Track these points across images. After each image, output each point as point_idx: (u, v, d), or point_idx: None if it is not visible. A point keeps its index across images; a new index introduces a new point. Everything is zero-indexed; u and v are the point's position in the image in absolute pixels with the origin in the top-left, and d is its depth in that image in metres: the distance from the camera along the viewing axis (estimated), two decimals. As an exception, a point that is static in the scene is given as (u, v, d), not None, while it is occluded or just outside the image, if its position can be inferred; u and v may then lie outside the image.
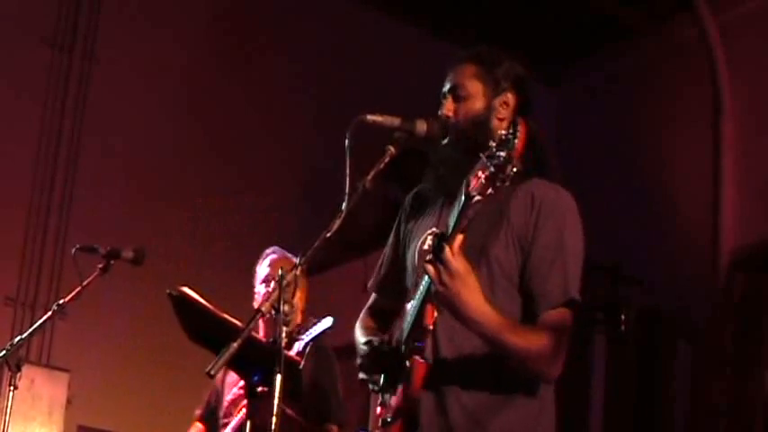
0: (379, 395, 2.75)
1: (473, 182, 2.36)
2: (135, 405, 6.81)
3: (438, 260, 2.41)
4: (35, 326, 4.11)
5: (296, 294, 4.15)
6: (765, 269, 6.52)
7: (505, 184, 2.34)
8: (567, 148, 5.77)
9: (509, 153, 2.32)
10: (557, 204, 2.68)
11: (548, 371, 2.58)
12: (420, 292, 2.56)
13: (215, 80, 7.56)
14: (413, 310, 2.60)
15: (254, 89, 7.67)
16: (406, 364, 2.60)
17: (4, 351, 3.97)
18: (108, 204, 7.11)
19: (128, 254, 4.19)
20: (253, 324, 2.48)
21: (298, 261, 2.55)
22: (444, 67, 2.85)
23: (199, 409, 4.60)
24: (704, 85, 7.06)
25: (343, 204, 2.56)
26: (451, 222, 2.42)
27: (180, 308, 3.17)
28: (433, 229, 2.71)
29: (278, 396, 2.42)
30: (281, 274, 2.47)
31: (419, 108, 2.82)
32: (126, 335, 6.91)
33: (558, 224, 2.65)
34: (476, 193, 2.35)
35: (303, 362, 3.43)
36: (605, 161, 7.75)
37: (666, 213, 7.28)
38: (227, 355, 2.38)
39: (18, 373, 3.96)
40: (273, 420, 2.40)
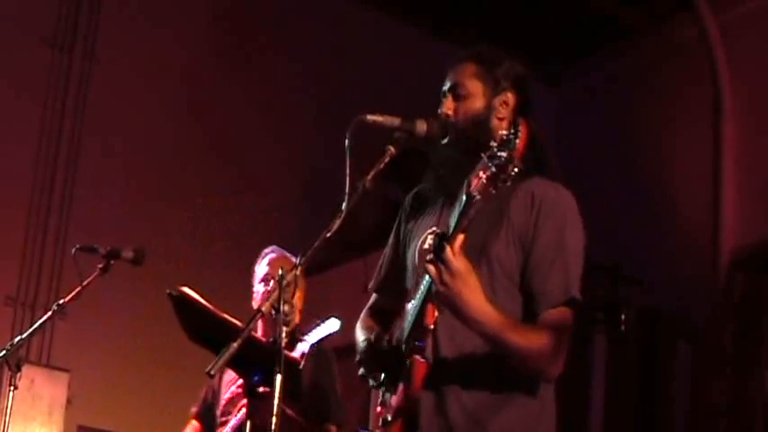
0: (380, 394, 2.76)
1: (474, 182, 2.35)
2: (135, 405, 6.81)
3: (439, 260, 2.41)
4: (35, 326, 4.11)
5: (295, 294, 4.15)
6: (765, 269, 6.52)
7: (507, 184, 2.34)
8: (567, 148, 5.76)
9: (510, 153, 2.32)
10: (557, 203, 2.68)
11: (549, 370, 2.58)
12: (421, 292, 2.56)
13: (215, 80, 7.56)
14: (413, 310, 2.60)
15: (254, 89, 7.67)
16: (407, 363, 2.60)
17: (4, 351, 3.97)
18: (108, 204, 7.11)
19: (128, 254, 4.19)
20: (253, 324, 2.49)
21: (298, 261, 2.55)
22: (444, 67, 2.85)
23: (194, 407, 4.60)
24: (704, 85, 7.05)
25: (344, 204, 2.55)
26: (452, 222, 2.42)
27: (180, 308, 3.18)
28: (434, 228, 2.71)
29: (278, 396, 2.42)
30: (281, 273, 2.47)
31: (419, 108, 2.82)
32: (126, 335, 6.91)
33: (559, 223, 2.65)
34: (477, 193, 2.35)
35: (303, 362, 3.44)
36: (605, 161, 7.75)
37: (666, 213, 7.27)
38: (227, 356, 2.38)
39: (18, 373, 3.96)
40: (273, 420, 2.40)
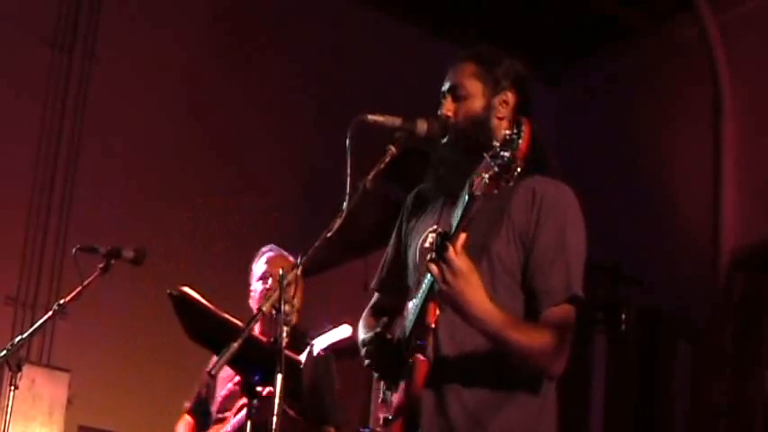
0: (380, 393, 2.75)
1: (476, 181, 2.36)
2: (135, 405, 6.81)
3: (441, 259, 2.41)
4: (36, 326, 4.11)
5: (296, 294, 4.15)
6: (765, 269, 6.52)
7: (509, 184, 2.34)
8: (567, 148, 5.76)
9: (513, 153, 2.31)
10: (558, 200, 2.67)
11: (551, 367, 2.58)
12: (422, 291, 2.56)
13: (215, 80, 7.56)
14: (415, 309, 2.60)
15: (254, 89, 7.67)
16: (408, 361, 2.60)
17: (4, 351, 3.97)
18: (108, 204, 7.11)
19: (128, 254, 4.19)
20: (253, 324, 2.49)
21: (298, 261, 2.55)
22: (444, 67, 2.85)
23: (188, 402, 4.61)
24: (704, 85, 7.05)
25: (344, 204, 2.55)
26: (454, 221, 2.42)
27: (180, 308, 3.18)
28: (435, 227, 2.71)
29: (279, 396, 2.42)
30: (281, 273, 2.47)
31: (419, 108, 2.82)
32: (126, 335, 6.91)
33: (560, 220, 2.65)
34: (479, 193, 2.35)
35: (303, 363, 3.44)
36: (605, 161, 7.74)
37: (666, 213, 7.27)
38: (227, 355, 2.38)
39: (19, 373, 3.96)
40: (274, 420, 2.40)
